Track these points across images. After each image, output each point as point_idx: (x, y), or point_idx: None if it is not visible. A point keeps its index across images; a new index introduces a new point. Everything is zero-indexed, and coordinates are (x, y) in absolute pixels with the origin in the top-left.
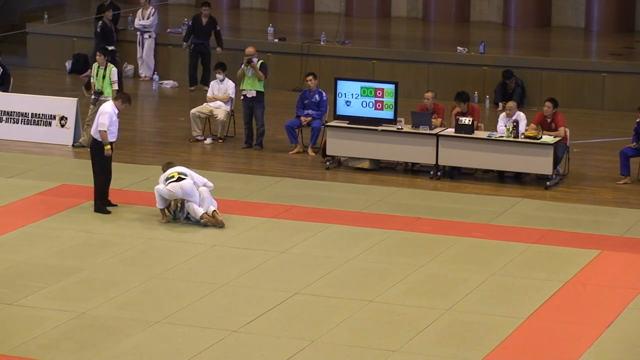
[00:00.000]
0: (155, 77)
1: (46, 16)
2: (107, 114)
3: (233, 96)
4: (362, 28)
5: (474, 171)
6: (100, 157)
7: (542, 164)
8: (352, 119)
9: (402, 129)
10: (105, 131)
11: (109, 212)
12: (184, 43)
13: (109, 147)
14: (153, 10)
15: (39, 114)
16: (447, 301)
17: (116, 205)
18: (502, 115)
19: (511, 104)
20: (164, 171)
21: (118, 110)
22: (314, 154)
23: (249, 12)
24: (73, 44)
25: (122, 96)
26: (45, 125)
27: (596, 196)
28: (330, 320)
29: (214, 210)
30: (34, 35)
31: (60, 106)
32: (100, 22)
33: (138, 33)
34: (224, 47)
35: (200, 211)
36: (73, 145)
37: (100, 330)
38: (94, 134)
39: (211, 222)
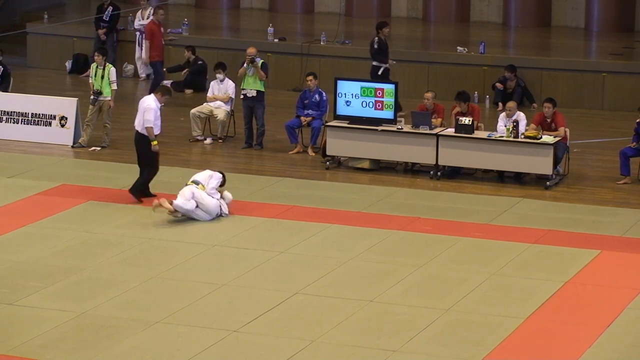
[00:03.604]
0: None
1: (46, 16)
2: (151, 109)
3: (233, 96)
4: (362, 28)
5: (474, 171)
6: (146, 150)
7: (542, 164)
8: (352, 119)
9: (402, 128)
10: (151, 127)
11: (141, 201)
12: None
13: (155, 142)
14: (153, 10)
15: (39, 114)
16: (447, 301)
17: (154, 195)
18: (502, 115)
19: (511, 104)
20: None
21: (161, 103)
22: (314, 154)
23: (249, 12)
24: (73, 44)
25: (161, 89)
26: (45, 125)
27: (596, 196)
28: (330, 320)
29: (170, 202)
30: (34, 35)
31: (60, 106)
32: (377, 38)
33: (137, 33)
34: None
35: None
36: (73, 146)
37: (100, 330)
38: (139, 128)
39: (159, 206)
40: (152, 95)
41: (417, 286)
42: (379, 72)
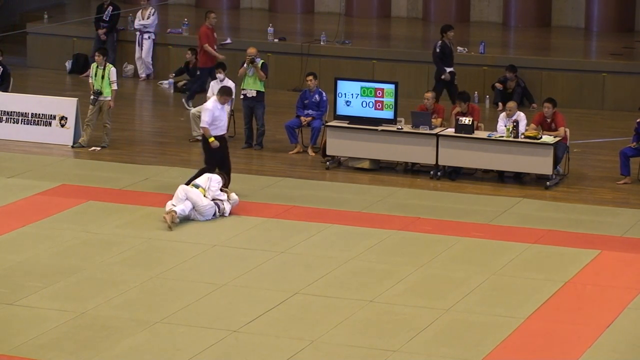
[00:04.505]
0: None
1: (46, 16)
2: (207, 110)
3: (233, 96)
4: (362, 28)
5: (474, 171)
6: (211, 151)
7: (542, 164)
8: (352, 119)
9: (402, 129)
10: (206, 127)
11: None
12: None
13: (212, 139)
14: (153, 10)
15: (39, 114)
16: (447, 301)
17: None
18: (502, 115)
19: (511, 104)
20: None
21: (221, 104)
22: (314, 154)
23: (249, 12)
24: (73, 44)
25: (221, 90)
26: (45, 125)
27: (596, 196)
28: (330, 320)
29: (173, 210)
30: (34, 35)
31: (60, 106)
32: (440, 41)
33: (137, 33)
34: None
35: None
36: (73, 146)
37: (100, 330)
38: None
39: (167, 217)
40: (212, 97)
41: (417, 286)
42: (442, 76)
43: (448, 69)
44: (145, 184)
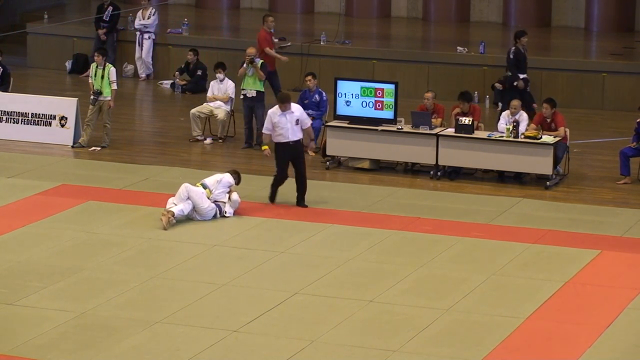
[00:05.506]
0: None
1: (46, 16)
2: (267, 117)
3: (233, 96)
4: (362, 28)
5: (474, 171)
6: (278, 157)
7: (542, 164)
8: (352, 119)
9: (402, 129)
10: (264, 133)
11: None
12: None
13: (265, 147)
14: (153, 10)
15: (39, 114)
16: (447, 301)
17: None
18: (505, 113)
19: (515, 102)
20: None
21: (281, 111)
22: (314, 154)
23: (249, 12)
24: (73, 44)
25: (277, 96)
26: (45, 125)
27: (596, 196)
28: (330, 320)
29: (171, 211)
30: (34, 35)
31: (60, 106)
32: (514, 47)
33: (138, 33)
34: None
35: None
36: (73, 146)
37: (100, 330)
38: None
39: (164, 219)
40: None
41: (417, 286)
42: (515, 83)
43: (522, 76)
44: (145, 184)
